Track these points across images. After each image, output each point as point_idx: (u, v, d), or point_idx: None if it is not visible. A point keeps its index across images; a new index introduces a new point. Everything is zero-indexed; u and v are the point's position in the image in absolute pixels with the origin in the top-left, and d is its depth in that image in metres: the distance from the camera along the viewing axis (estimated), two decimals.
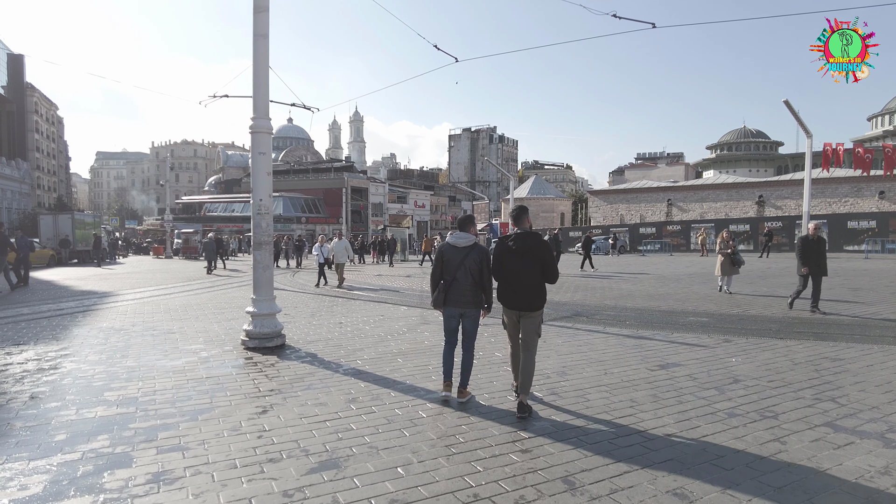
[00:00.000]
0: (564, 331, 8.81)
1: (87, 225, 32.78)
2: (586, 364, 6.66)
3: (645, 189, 52.56)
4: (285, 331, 8.60)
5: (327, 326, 9.32)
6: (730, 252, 13.87)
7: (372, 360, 6.80)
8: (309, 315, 10.69)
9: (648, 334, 8.57)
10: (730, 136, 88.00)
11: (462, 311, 5.08)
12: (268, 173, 7.57)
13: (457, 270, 5.03)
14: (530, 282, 4.89)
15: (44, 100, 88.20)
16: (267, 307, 7.56)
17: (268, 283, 7.63)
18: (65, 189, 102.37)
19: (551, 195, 69.68)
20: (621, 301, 12.64)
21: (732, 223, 40.68)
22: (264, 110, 7.55)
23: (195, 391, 5.50)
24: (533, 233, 4.99)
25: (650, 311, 11.15)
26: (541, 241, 4.93)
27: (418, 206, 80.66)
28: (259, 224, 7.57)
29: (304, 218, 64.98)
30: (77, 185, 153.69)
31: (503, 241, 5.06)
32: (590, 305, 11.96)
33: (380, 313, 10.89)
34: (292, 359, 6.92)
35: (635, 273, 20.83)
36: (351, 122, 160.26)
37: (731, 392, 5.44)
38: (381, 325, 9.50)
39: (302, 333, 8.68)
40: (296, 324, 9.60)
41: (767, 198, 44.44)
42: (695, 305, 11.78)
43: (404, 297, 13.94)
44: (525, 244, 4.88)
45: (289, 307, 11.80)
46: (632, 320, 9.99)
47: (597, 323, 9.68)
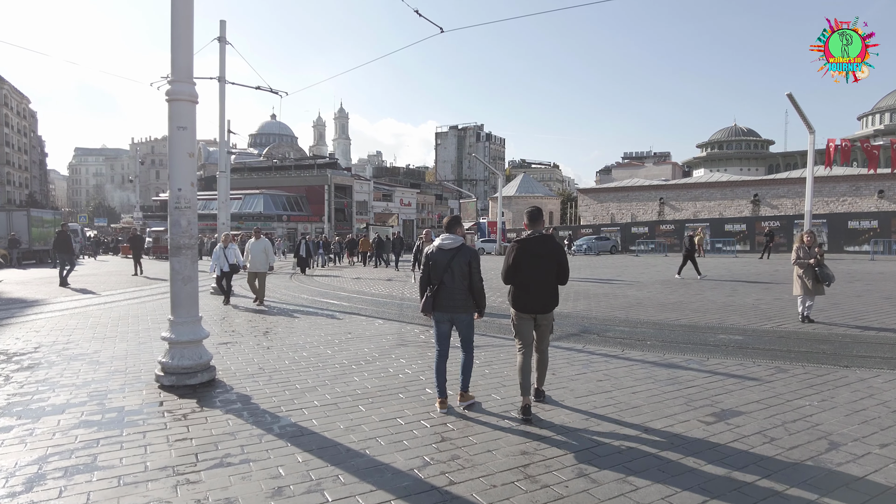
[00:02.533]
0: (575, 356, 7.06)
1: (45, 223, 30.46)
2: (614, 410, 4.93)
3: (636, 187, 51.20)
4: (224, 357, 6.79)
5: (279, 350, 7.48)
6: (816, 263, 9.26)
7: (324, 409, 4.99)
8: (261, 334, 8.84)
9: (680, 360, 6.86)
10: (720, 135, 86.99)
11: (452, 316, 4.91)
12: (190, 154, 5.72)
13: (443, 273, 4.86)
14: (548, 284, 4.89)
15: (14, 92, 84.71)
16: (188, 332, 5.72)
17: (190, 300, 5.79)
18: (38, 185, 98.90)
19: (540, 193, 68.18)
20: (632, 312, 10.95)
21: (728, 223, 39.43)
22: (186, 71, 5.70)
23: (51, 468, 3.65)
24: (550, 235, 5.06)
25: (669, 325, 9.46)
26: (559, 244, 5.04)
27: (404, 204, 78.76)
28: (178, 222, 5.71)
29: (285, 216, 62.84)
30: (55, 181, 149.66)
31: (521, 245, 4.90)
32: (597, 318, 10.25)
33: (348, 329, 9.08)
34: (216, 406, 5.08)
35: (636, 277, 19.21)
36: (336, 119, 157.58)
37: (844, 471, 3.71)
38: (346, 346, 7.69)
39: (244, 361, 6.84)
40: (240, 347, 7.75)
41: (763, 197, 43.23)
42: (718, 318, 10.12)
43: (381, 308, 12.13)
44: (546, 248, 4.88)
45: (241, 323, 9.94)
46: (652, 339, 8.29)
47: (612, 343, 7.96)
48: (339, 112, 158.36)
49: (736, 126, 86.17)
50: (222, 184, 14.61)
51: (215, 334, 8.58)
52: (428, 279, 4.97)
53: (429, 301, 4.89)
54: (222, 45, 14.42)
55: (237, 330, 9.07)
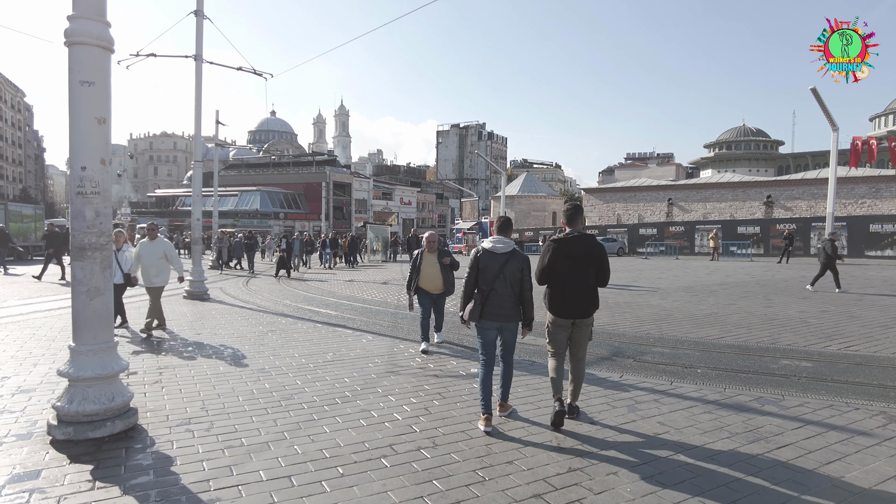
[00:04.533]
0: (617, 395, 5.48)
1: (25, 217, 28.85)
2: (692, 489, 3.35)
3: (644, 187, 49.53)
4: (163, 388, 5.21)
5: (236, 378, 5.90)
6: None
7: (270, 487, 3.42)
8: (218, 355, 7.26)
9: (749, 398, 5.30)
10: (728, 135, 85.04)
11: (500, 325, 4.58)
12: (100, 120, 4.14)
13: (495, 280, 4.56)
14: (587, 287, 4.64)
15: (8, 85, 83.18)
16: (95, 364, 4.15)
17: (98, 321, 4.22)
18: (34, 180, 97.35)
19: (543, 193, 66.47)
20: (665, 327, 9.38)
21: (740, 225, 37.82)
22: (93, 4, 4.12)
23: None
24: (590, 234, 4.80)
25: (715, 346, 7.89)
26: (599, 244, 4.70)
27: (404, 203, 77.29)
28: (81, 212, 4.13)
29: (282, 214, 61.33)
30: (54, 177, 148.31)
31: (558, 245, 4.63)
32: (627, 336, 8.68)
33: (330, 348, 7.50)
34: (118, 478, 3.52)
35: (654, 282, 17.62)
36: (336, 116, 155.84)
37: None
38: (323, 374, 6.11)
39: (185, 396, 5.27)
40: (186, 373, 6.18)
41: (777, 198, 41.54)
42: (768, 336, 8.55)
43: (373, 319, 10.57)
44: (585, 247, 4.60)
45: (206, 332, 8.36)
46: (702, 365, 6.72)
47: (655, 372, 6.39)
48: (340, 109, 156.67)
49: (744, 126, 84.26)
50: (196, 175, 13.03)
51: (162, 352, 7.01)
52: (475, 284, 4.66)
53: (477, 309, 4.55)
54: (199, 20, 12.86)
55: (203, 339, 7.48)
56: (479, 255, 4.69)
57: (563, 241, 4.63)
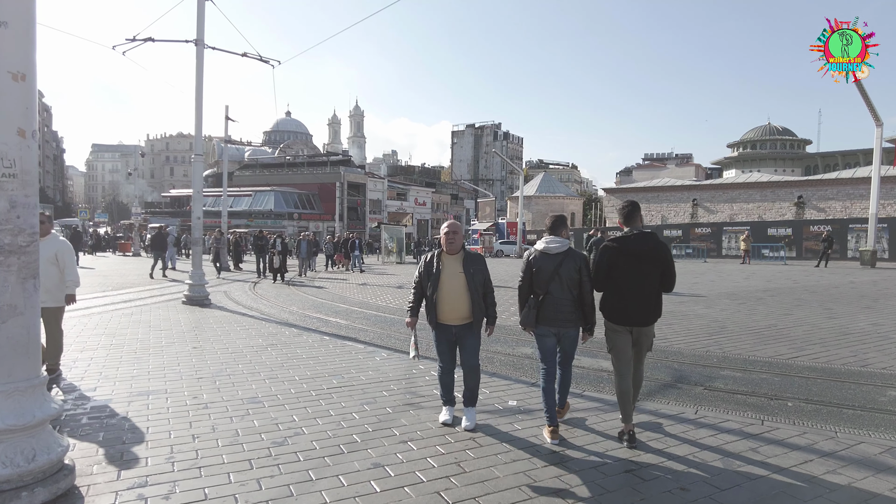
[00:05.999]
0: (695, 434, 4.24)
1: None
2: None
3: (667, 188, 47.90)
4: (125, 433, 4.10)
5: (218, 413, 4.76)
6: None
7: None
8: (200, 376, 6.14)
9: (881, 452, 4.04)
10: (753, 134, 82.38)
11: (558, 331, 4.24)
12: (16, 76, 3.02)
13: (550, 282, 4.22)
14: (650, 291, 4.20)
15: None
16: (7, 412, 3.02)
17: (16, 352, 3.10)
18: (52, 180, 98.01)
19: (561, 193, 64.95)
20: (724, 343, 8.11)
21: (770, 226, 36.14)
22: None
23: None
24: (651, 233, 4.30)
25: (792, 367, 6.61)
26: (662, 243, 4.27)
27: (419, 203, 76.21)
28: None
29: (296, 214, 60.62)
30: (73, 177, 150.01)
31: (617, 244, 4.22)
32: (685, 354, 7.43)
33: (336, 369, 6.34)
34: None
35: (691, 287, 16.25)
36: (351, 117, 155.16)
37: None
38: (326, 406, 4.96)
39: (152, 437, 4.14)
40: (166, 400, 5.06)
41: (808, 199, 39.71)
42: (852, 355, 7.24)
43: (387, 331, 9.43)
44: (646, 247, 4.17)
45: (197, 346, 7.26)
46: (792, 396, 5.46)
47: (735, 405, 5.15)
48: (354, 109, 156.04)
49: (770, 125, 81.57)
50: (197, 171, 11.98)
51: (146, 370, 5.91)
52: (529, 288, 4.37)
53: (531, 314, 4.27)
54: (200, 2, 11.83)
55: (167, 369, 6.38)
56: (532, 257, 4.37)
57: (622, 240, 4.23)
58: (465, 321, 4.40)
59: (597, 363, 6.89)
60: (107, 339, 7.74)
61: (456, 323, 4.40)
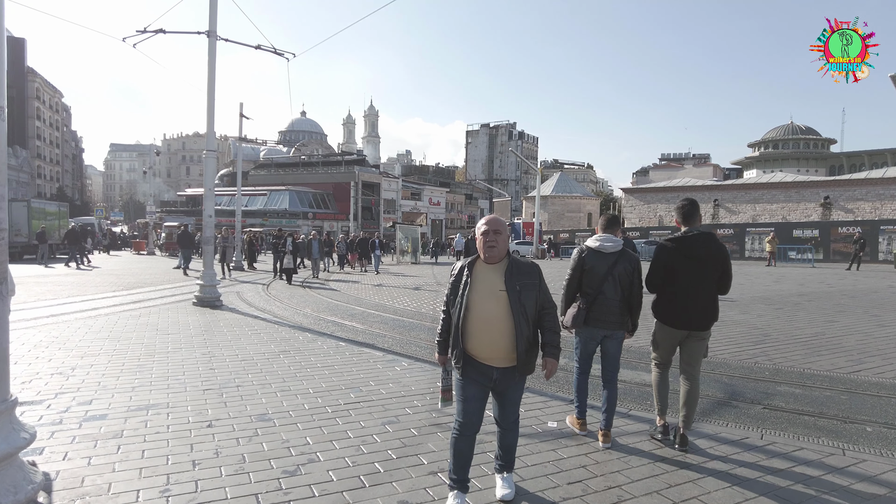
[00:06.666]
0: (764, 464, 3.64)
1: (49, 214, 28.17)
2: None
3: (687, 187, 46.83)
4: (118, 458, 3.61)
5: (224, 430, 4.26)
6: None
7: None
8: (205, 387, 5.66)
9: None
10: (775, 133, 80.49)
11: (606, 333, 4.09)
12: None
13: (603, 282, 4.02)
14: (708, 294, 4.05)
15: (47, 86, 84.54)
16: None
17: None
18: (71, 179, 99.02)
19: (578, 193, 64.09)
20: (771, 353, 7.47)
21: (796, 228, 35.11)
22: None
23: None
24: (711, 233, 4.15)
25: (858, 383, 5.98)
26: (721, 245, 4.14)
27: (433, 203, 75.77)
28: None
29: (311, 213, 60.42)
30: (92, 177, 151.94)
31: (676, 245, 4.03)
32: (732, 365, 6.81)
33: (353, 381, 5.82)
34: None
35: None
36: (365, 117, 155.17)
37: None
38: (344, 425, 4.43)
39: (147, 462, 3.65)
40: (167, 416, 4.57)
41: (835, 199, 38.53)
42: None
43: (407, 337, 8.90)
44: (707, 248, 4.01)
45: (206, 352, 6.78)
46: (866, 417, 4.87)
47: (804, 427, 4.55)
48: (369, 109, 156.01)
49: (793, 124, 79.59)
50: (209, 167, 11.53)
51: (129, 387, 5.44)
52: (577, 288, 4.17)
53: (581, 314, 4.04)
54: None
55: (171, 378, 5.90)
56: (583, 255, 4.16)
57: (680, 240, 4.06)
58: (508, 362, 3.01)
59: (638, 376, 6.29)
60: (110, 344, 7.29)
61: (496, 363, 3.01)
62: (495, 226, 3.08)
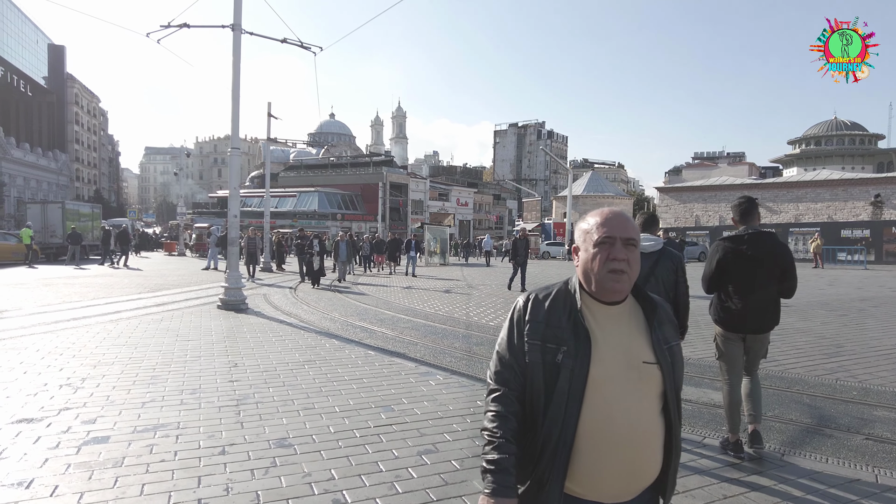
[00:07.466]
0: None
1: (83, 216, 28.50)
2: None
3: (725, 186, 45.07)
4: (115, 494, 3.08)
5: (238, 460, 3.70)
6: None
7: None
8: (222, 402, 5.13)
9: None
10: (817, 129, 77.15)
11: None
12: None
13: (644, 283, 3.43)
14: (766, 296, 3.89)
15: (85, 91, 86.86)
16: None
17: None
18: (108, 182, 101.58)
19: (610, 193, 62.53)
20: (851, 368, 6.62)
21: (844, 227, 33.37)
22: None
23: None
24: (770, 232, 4.06)
25: None
26: (782, 244, 4.04)
27: (461, 204, 75.10)
28: None
29: (339, 214, 60.47)
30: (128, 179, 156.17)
31: (732, 244, 3.93)
32: (808, 382, 6.01)
33: (383, 395, 5.23)
34: None
35: None
36: (393, 118, 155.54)
37: None
38: (375, 453, 3.84)
39: (146, 499, 3.11)
40: (175, 441, 4.05)
41: (887, 197, 36.48)
42: None
43: (440, 345, 8.31)
44: (765, 247, 3.88)
45: (229, 361, 6.28)
46: None
47: None
48: (397, 111, 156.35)
49: (837, 120, 76.19)
50: (233, 165, 11.12)
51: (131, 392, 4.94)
52: None
53: None
54: None
55: (186, 392, 5.40)
56: None
57: (737, 239, 3.96)
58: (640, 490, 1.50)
59: (705, 395, 5.55)
60: (126, 352, 6.87)
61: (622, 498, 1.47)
62: (625, 229, 1.48)
